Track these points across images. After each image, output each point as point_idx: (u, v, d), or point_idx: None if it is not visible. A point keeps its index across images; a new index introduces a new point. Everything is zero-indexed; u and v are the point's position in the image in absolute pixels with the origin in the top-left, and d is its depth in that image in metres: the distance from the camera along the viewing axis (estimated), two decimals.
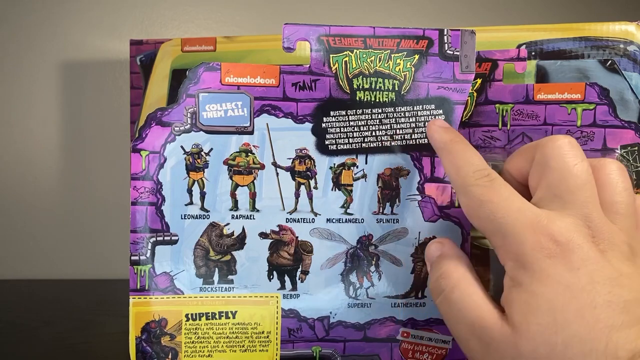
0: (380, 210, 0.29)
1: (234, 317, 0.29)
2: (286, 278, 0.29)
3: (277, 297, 0.29)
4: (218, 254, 0.29)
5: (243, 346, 0.29)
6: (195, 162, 0.28)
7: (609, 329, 0.19)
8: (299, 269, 0.29)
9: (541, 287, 0.20)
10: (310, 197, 0.29)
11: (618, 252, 0.20)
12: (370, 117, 0.28)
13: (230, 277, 0.29)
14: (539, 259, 0.20)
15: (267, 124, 0.28)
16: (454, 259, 0.24)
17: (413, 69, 0.28)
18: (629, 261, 0.20)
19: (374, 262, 0.29)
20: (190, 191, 0.28)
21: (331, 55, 0.28)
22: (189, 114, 0.28)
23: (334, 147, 0.28)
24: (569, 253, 0.20)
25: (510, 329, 0.21)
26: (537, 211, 0.21)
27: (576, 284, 0.20)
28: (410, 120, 0.28)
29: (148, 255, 0.28)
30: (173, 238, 0.28)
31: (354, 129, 0.28)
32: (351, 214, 0.29)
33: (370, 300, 0.29)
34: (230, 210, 0.29)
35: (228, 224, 0.29)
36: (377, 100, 0.28)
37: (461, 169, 0.24)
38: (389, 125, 0.28)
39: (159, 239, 0.28)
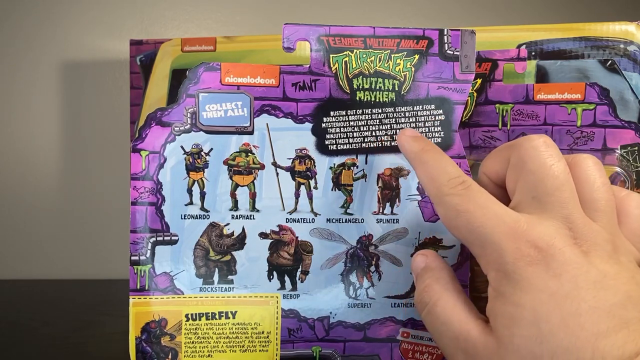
0: (380, 210, 0.29)
1: (234, 317, 0.29)
2: (286, 278, 0.29)
3: (277, 297, 0.29)
4: (218, 254, 0.29)
5: (243, 346, 0.29)
6: (195, 162, 0.28)
7: (595, 336, 0.18)
8: (299, 269, 0.29)
9: (524, 297, 0.20)
10: (310, 197, 0.29)
11: (602, 252, 0.20)
12: (370, 117, 0.28)
13: (230, 277, 0.29)
14: (520, 268, 0.20)
15: (267, 124, 0.28)
16: (437, 272, 0.24)
17: (413, 69, 0.28)
18: (613, 260, 0.20)
19: (374, 262, 0.29)
20: (190, 191, 0.28)
21: (331, 55, 0.28)
22: (189, 114, 0.28)
23: (334, 147, 0.28)
24: (550, 259, 0.20)
25: (494, 341, 0.20)
26: (516, 216, 0.21)
27: (559, 291, 0.19)
28: (410, 120, 0.28)
29: (148, 255, 0.28)
30: (173, 238, 0.28)
31: (354, 129, 0.28)
32: (351, 214, 0.29)
33: (370, 300, 0.29)
34: (230, 210, 0.29)
35: (228, 224, 0.29)
36: (377, 100, 0.28)
37: (435, 179, 0.23)
38: (389, 125, 0.28)
39: (159, 239, 0.28)
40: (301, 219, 0.29)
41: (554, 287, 0.19)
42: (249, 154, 0.28)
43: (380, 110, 0.28)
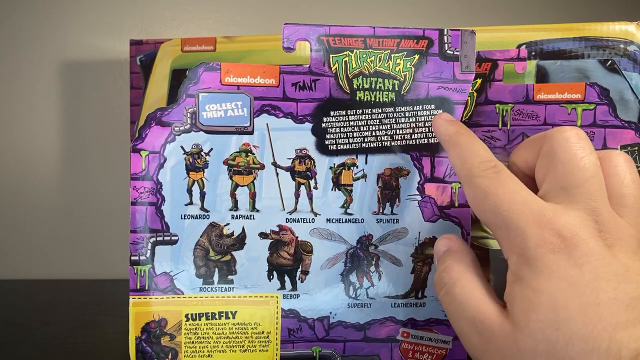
0: (380, 210, 0.29)
1: (233, 317, 0.29)
2: (286, 278, 0.29)
3: (277, 297, 0.29)
4: (218, 254, 0.29)
5: (243, 346, 0.29)
6: (195, 162, 0.28)
7: (613, 327, 0.18)
8: (299, 269, 0.29)
9: (544, 283, 0.20)
10: (310, 197, 0.29)
11: (626, 247, 0.20)
12: (370, 117, 0.28)
13: (230, 277, 0.29)
14: (542, 254, 0.20)
15: (267, 124, 0.28)
16: (459, 254, 0.24)
17: (413, 69, 0.28)
18: (637, 256, 0.20)
19: (374, 262, 0.29)
20: (190, 191, 0.28)
21: (331, 55, 0.28)
22: (188, 114, 0.28)
23: (334, 147, 0.28)
24: (573, 248, 0.20)
25: (510, 325, 0.20)
26: (543, 204, 0.21)
27: (580, 280, 0.19)
28: (410, 120, 0.28)
29: (148, 255, 0.28)
30: (173, 238, 0.28)
31: (354, 129, 0.28)
32: (351, 214, 0.29)
33: (370, 300, 0.29)
34: (230, 210, 0.29)
35: (228, 224, 0.29)
36: (377, 100, 0.28)
37: (467, 161, 0.23)
38: (389, 125, 0.28)
39: (158, 239, 0.28)
40: (301, 219, 0.29)
41: (574, 275, 0.19)
42: (249, 154, 0.28)
43: (380, 110, 0.28)
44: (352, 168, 0.29)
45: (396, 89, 0.28)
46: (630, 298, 0.19)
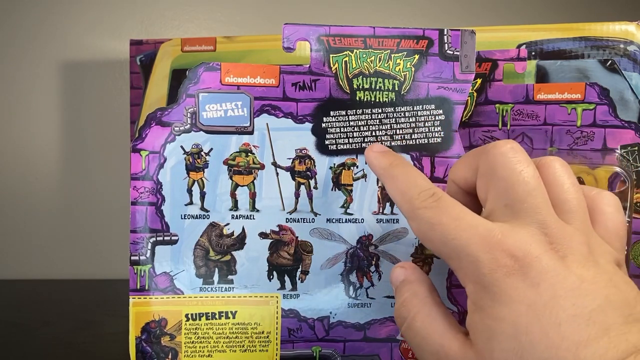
0: (380, 210, 0.29)
1: (233, 317, 0.29)
2: (286, 278, 0.29)
3: (277, 297, 0.29)
4: (218, 254, 0.29)
5: (243, 346, 0.29)
6: (195, 162, 0.28)
7: (576, 346, 0.18)
8: (299, 269, 0.29)
9: (503, 309, 0.19)
10: (310, 197, 0.29)
11: (578, 255, 0.19)
12: (370, 117, 0.28)
13: (230, 277, 0.29)
14: (498, 279, 0.19)
15: (267, 124, 0.28)
16: (415, 285, 0.23)
17: (413, 69, 0.28)
18: (590, 262, 0.19)
19: (373, 262, 0.29)
20: (190, 191, 0.28)
21: (331, 55, 0.28)
22: (188, 114, 0.28)
23: (334, 147, 0.28)
24: (527, 268, 0.19)
25: (474, 355, 0.20)
26: (490, 226, 0.20)
27: (538, 301, 0.19)
28: (410, 120, 0.28)
29: (148, 255, 0.28)
30: (173, 238, 0.28)
31: (354, 129, 0.28)
32: (351, 214, 0.29)
33: (370, 300, 0.29)
34: (230, 210, 0.29)
35: (228, 224, 0.29)
36: (377, 100, 0.28)
37: (405, 193, 0.23)
38: (389, 125, 0.28)
39: (158, 239, 0.28)
40: (301, 219, 0.29)
41: (532, 297, 0.19)
42: (249, 154, 0.28)
43: (380, 110, 0.28)
44: (352, 168, 0.29)
45: (396, 89, 0.28)
46: (590, 311, 0.18)
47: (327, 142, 0.28)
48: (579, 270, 0.19)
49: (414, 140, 0.28)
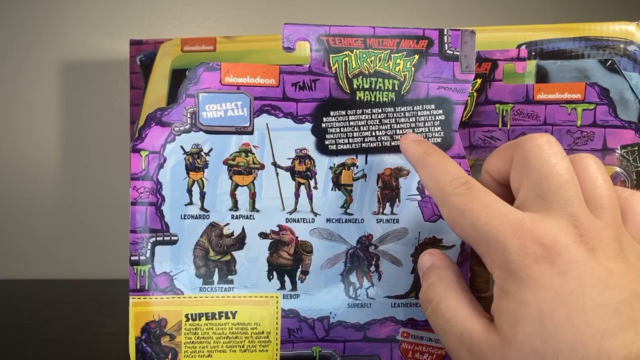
0: (380, 210, 0.29)
1: (233, 317, 0.29)
2: (286, 278, 0.29)
3: (277, 297, 0.29)
4: (218, 254, 0.29)
5: (243, 346, 0.29)
6: (195, 162, 0.28)
7: (601, 334, 0.18)
8: (299, 269, 0.29)
9: (529, 294, 0.19)
10: (310, 197, 0.29)
11: (608, 249, 0.20)
12: (370, 117, 0.28)
13: (230, 277, 0.29)
14: (525, 265, 0.20)
15: (267, 124, 0.28)
16: (443, 270, 0.24)
17: (413, 69, 0.28)
18: (619, 258, 0.20)
19: (374, 262, 0.29)
20: (190, 191, 0.28)
21: (331, 55, 0.28)
22: (188, 114, 0.28)
23: (334, 147, 0.28)
24: (556, 256, 0.19)
25: (498, 339, 0.20)
26: (521, 215, 0.21)
27: (565, 288, 0.19)
28: (410, 120, 0.28)
29: (148, 255, 0.28)
30: (173, 238, 0.28)
31: (354, 129, 0.28)
32: (351, 214, 0.29)
33: (370, 300, 0.29)
34: (230, 210, 0.29)
35: (228, 224, 0.29)
36: (377, 100, 0.28)
37: (438, 180, 0.23)
38: (389, 125, 0.28)
39: (158, 239, 0.28)
40: (301, 219, 0.29)
41: (559, 284, 0.19)
42: (249, 154, 0.28)
43: (380, 110, 0.28)
44: (352, 168, 0.29)
45: (396, 89, 0.28)
46: (617, 303, 0.18)
47: (327, 142, 0.28)
48: (608, 263, 0.19)
49: None
